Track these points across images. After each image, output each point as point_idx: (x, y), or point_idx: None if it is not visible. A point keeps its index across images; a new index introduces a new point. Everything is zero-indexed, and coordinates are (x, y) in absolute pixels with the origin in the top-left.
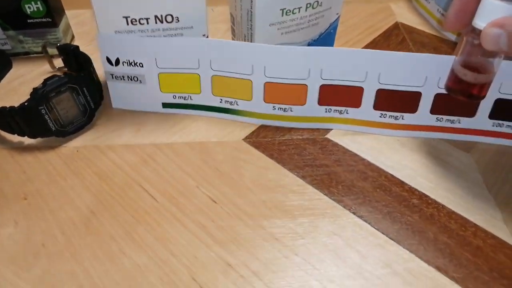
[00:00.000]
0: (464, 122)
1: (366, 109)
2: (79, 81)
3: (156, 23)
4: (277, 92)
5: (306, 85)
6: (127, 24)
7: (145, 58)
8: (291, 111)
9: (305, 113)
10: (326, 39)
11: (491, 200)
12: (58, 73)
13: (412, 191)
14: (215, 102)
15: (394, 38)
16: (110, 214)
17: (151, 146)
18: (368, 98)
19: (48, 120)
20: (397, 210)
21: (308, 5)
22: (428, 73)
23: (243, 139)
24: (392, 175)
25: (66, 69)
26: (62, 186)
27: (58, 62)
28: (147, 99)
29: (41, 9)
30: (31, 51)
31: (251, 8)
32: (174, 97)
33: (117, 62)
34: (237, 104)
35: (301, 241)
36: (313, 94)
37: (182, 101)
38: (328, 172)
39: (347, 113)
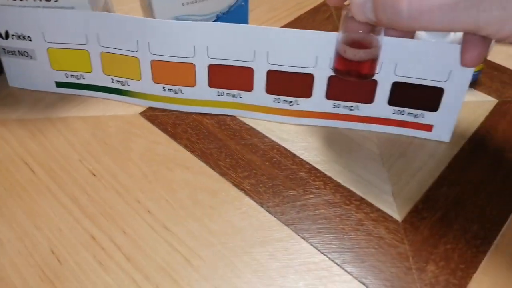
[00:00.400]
0: (363, 109)
1: (259, 93)
2: None
3: (34, 0)
4: (165, 71)
5: (194, 64)
6: None
7: (33, 31)
8: (182, 93)
9: (196, 96)
10: (237, 12)
11: (384, 173)
12: None
13: (302, 164)
14: (106, 82)
15: (321, 14)
16: None
17: (45, 120)
18: (260, 81)
19: None
20: (282, 183)
21: None
22: (319, 53)
23: (140, 113)
24: (285, 148)
25: None
26: None
27: None
28: (40, 77)
29: None
30: None
31: None
32: (67, 75)
33: (7, 35)
34: (128, 84)
35: (175, 215)
36: (202, 75)
37: (75, 80)
38: (219, 146)
39: (240, 97)
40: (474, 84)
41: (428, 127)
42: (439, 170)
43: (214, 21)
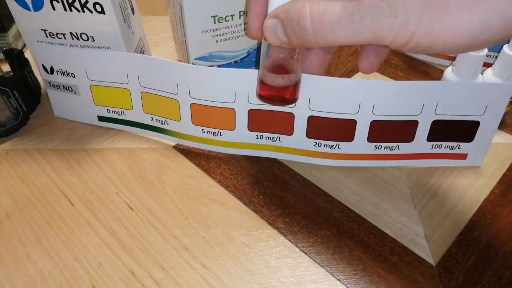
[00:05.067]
0: (403, 147)
1: (299, 137)
2: (9, 83)
3: (72, 39)
4: (205, 114)
5: (234, 109)
6: (46, 36)
7: (76, 69)
8: (221, 135)
9: (235, 139)
10: None
11: (416, 215)
12: None
13: (334, 203)
14: (146, 119)
15: (346, 49)
16: (24, 218)
17: (80, 150)
18: (300, 126)
19: None
20: (315, 222)
21: (242, 13)
22: (361, 99)
23: (173, 146)
24: (317, 187)
25: (12, 73)
26: None
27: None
28: (83, 111)
29: None
30: None
31: (181, 14)
32: (108, 111)
33: (52, 70)
34: (167, 124)
35: (212, 253)
36: (242, 119)
37: (116, 115)
38: (251, 182)
39: (279, 140)
40: (501, 125)
41: (463, 156)
42: (470, 214)
43: (245, 57)
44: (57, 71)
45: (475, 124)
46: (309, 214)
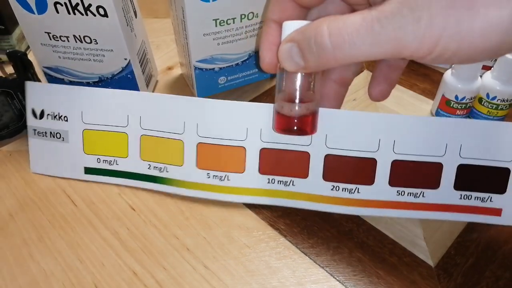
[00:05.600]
0: (429, 195)
1: (315, 180)
2: (13, 85)
3: (76, 42)
4: (212, 156)
5: (244, 148)
6: (50, 39)
7: (71, 110)
8: (228, 180)
9: (243, 184)
10: None
11: None
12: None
13: None
14: (143, 168)
15: None
16: (28, 218)
17: None
18: (316, 166)
19: None
20: (315, 224)
21: (243, 16)
22: (381, 136)
23: None
24: None
25: (15, 75)
26: None
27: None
28: (69, 162)
29: None
30: None
31: (184, 17)
32: (98, 160)
33: (42, 114)
34: (166, 171)
35: (213, 253)
36: (252, 160)
37: (107, 166)
38: None
39: (293, 184)
40: None
41: (497, 212)
42: None
43: (246, 59)
44: (48, 114)
45: (506, 172)
46: (309, 215)
